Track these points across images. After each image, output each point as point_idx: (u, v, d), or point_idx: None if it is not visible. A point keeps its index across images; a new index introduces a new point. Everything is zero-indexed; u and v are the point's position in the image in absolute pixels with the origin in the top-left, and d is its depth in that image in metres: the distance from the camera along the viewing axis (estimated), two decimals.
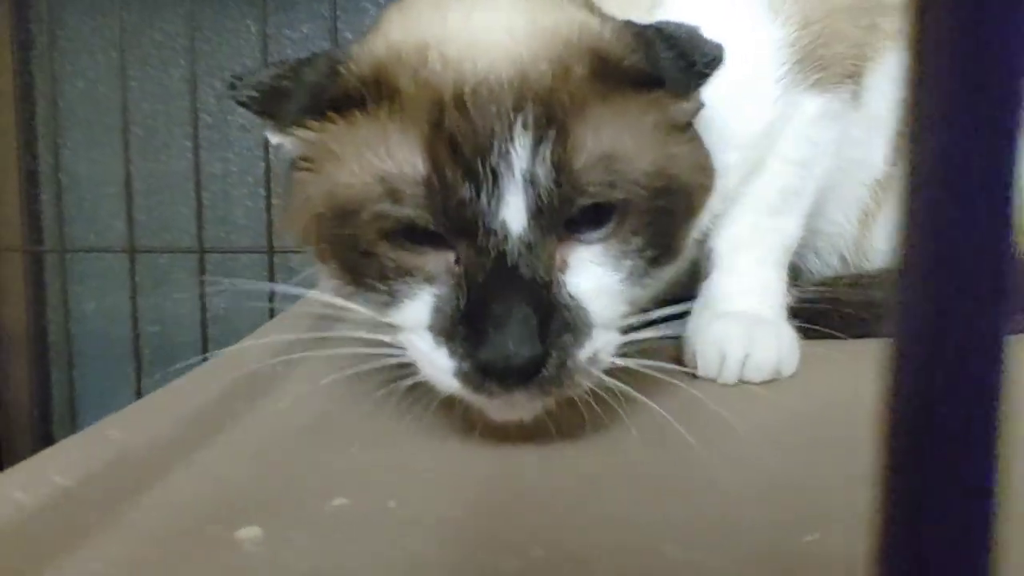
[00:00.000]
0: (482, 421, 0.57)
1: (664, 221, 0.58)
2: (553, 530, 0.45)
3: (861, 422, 0.63)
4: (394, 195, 0.54)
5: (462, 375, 0.53)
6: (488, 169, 0.53)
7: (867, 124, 0.86)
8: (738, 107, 0.72)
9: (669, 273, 0.62)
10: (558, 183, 0.53)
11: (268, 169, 1.64)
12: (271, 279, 1.63)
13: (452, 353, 0.53)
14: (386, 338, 0.57)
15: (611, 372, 0.56)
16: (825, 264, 0.94)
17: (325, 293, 0.63)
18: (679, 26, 0.60)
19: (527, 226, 0.53)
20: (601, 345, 0.55)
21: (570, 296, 0.54)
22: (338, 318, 0.65)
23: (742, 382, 0.71)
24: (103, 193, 1.75)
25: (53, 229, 1.73)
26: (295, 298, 1.09)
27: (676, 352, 0.75)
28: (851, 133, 0.83)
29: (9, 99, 1.68)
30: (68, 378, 1.76)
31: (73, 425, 1.72)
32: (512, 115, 0.53)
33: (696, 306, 0.77)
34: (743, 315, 0.74)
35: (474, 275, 0.53)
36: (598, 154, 0.54)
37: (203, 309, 1.62)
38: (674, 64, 0.58)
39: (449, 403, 0.57)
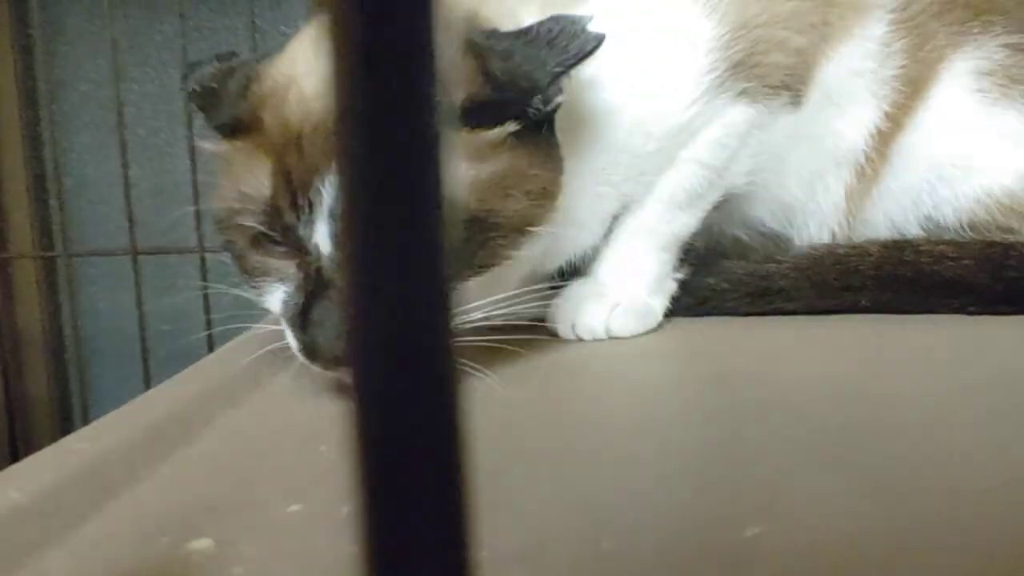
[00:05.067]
0: None
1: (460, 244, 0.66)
2: (519, 526, 0.45)
3: (814, 402, 0.63)
4: (246, 210, 0.67)
5: (302, 352, 0.66)
6: (307, 201, 0.64)
7: (824, 103, 0.86)
8: (654, 100, 0.76)
9: (499, 270, 0.69)
10: None
11: None
12: None
13: (294, 337, 0.66)
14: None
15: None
16: (813, 236, 0.94)
17: None
18: (514, 51, 0.66)
19: (333, 249, 0.64)
20: None
21: None
22: None
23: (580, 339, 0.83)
24: (111, 195, 1.77)
25: (62, 233, 1.76)
26: None
27: None
28: (794, 124, 0.85)
29: (13, 105, 1.70)
30: (83, 378, 1.79)
31: (87, 424, 1.75)
32: (331, 158, 0.62)
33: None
34: (599, 287, 0.84)
35: (304, 282, 0.66)
36: None
37: (207, 308, 1.63)
38: (494, 94, 0.65)
39: None
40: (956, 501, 0.46)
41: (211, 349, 1.65)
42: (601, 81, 0.75)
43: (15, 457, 1.71)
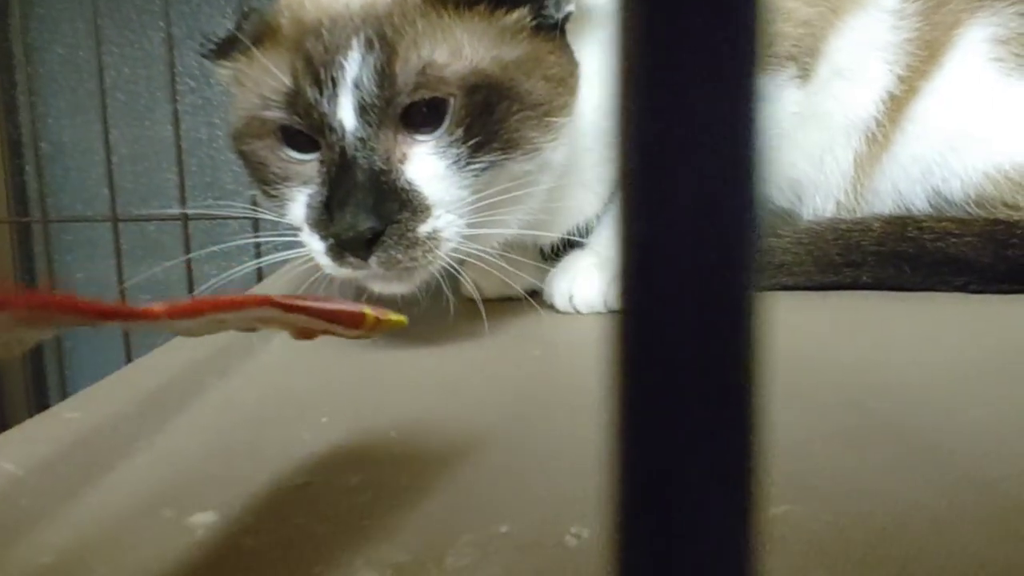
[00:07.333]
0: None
1: (484, 114, 0.67)
2: (520, 505, 0.44)
3: (825, 379, 0.62)
4: (266, 104, 0.69)
5: (328, 252, 0.67)
6: (329, 78, 0.66)
7: (833, 78, 0.84)
8: None
9: (519, 167, 0.70)
10: (380, 86, 0.65)
11: None
12: (258, 245, 1.62)
13: (320, 237, 0.67)
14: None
15: None
16: (819, 208, 0.93)
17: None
18: None
19: (358, 123, 0.66)
20: (443, 225, 0.67)
21: (408, 182, 0.66)
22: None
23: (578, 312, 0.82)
24: (89, 161, 1.73)
25: (39, 199, 1.72)
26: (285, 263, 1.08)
27: None
28: (803, 101, 0.83)
29: None
30: (59, 350, 1.76)
31: (65, 395, 1.72)
32: (353, 37, 0.66)
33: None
34: (597, 258, 0.83)
35: (329, 171, 0.67)
36: (415, 63, 0.66)
37: (189, 277, 1.61)
38: None
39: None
40: (977, 476, 0.46)
41: None
42: (604, 45, 0.74)
43: None
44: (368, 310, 0.38)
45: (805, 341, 0.73)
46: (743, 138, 0.14)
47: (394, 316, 0.41)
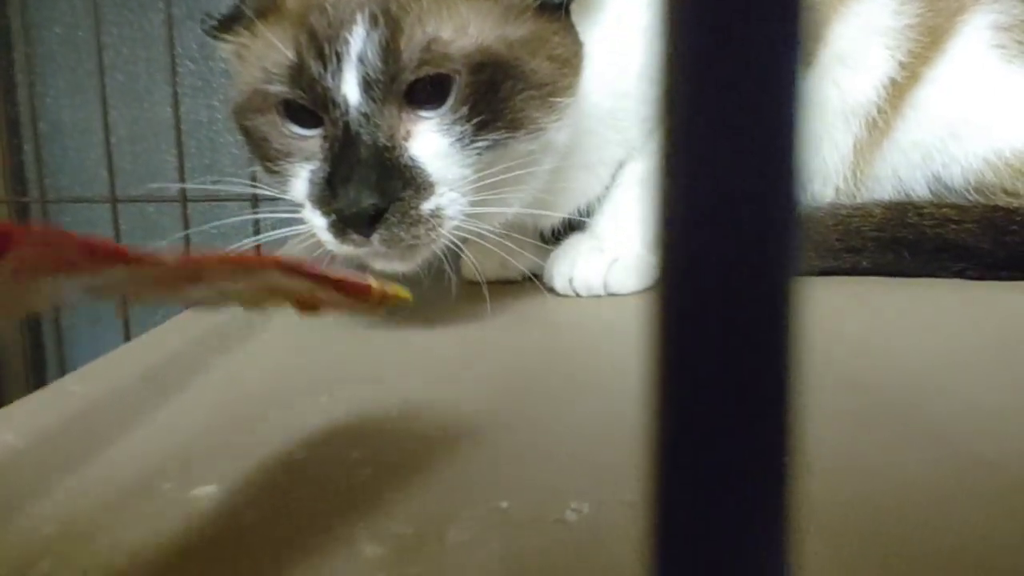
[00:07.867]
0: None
1: (489, 92, 0.67)
2: (521, 481, 0.44)
3: (829, 362, 0.62)
4: (270, 78, 0.69)
5: (331, 228, 0.67)
6: (333, 52, 0.66)
7: (834, 64, 0.84)
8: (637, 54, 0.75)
9: (523, 147, 0.70)
10: (385, 61, 0.65)
11: None
12: (256, 227, 1.62)
13: (322, 213, 0.67)
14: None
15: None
16: (818, 193, 0.93)
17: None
18: None
19: (362, 98, 0.66)
20: (446, 203, 0.67)
21: (411, 159, 0.66)
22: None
23: (579, 295, 0.82)
24: (88, 141, 1.73)
25: (37, 179, 1.72)
26: (281, 244, 1.08)
27: None
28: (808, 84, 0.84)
29: None
30: (58, 331, 1.75)
31: (63, 375, 1.72)
32: (357, 12, 0.66)
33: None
34: (597, 242, 0.83)
35: (332, 146, 0.66)
36: (420, 39, 0.66)
37: None
38: None
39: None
40: (977, 456, 0.46)
41: None
42: (609, 27, 0.74)
43: None
44: (374, 282, 0.38)
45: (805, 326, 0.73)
46: (785, 122, 0.14)
47: (401, 291, 0.41)
